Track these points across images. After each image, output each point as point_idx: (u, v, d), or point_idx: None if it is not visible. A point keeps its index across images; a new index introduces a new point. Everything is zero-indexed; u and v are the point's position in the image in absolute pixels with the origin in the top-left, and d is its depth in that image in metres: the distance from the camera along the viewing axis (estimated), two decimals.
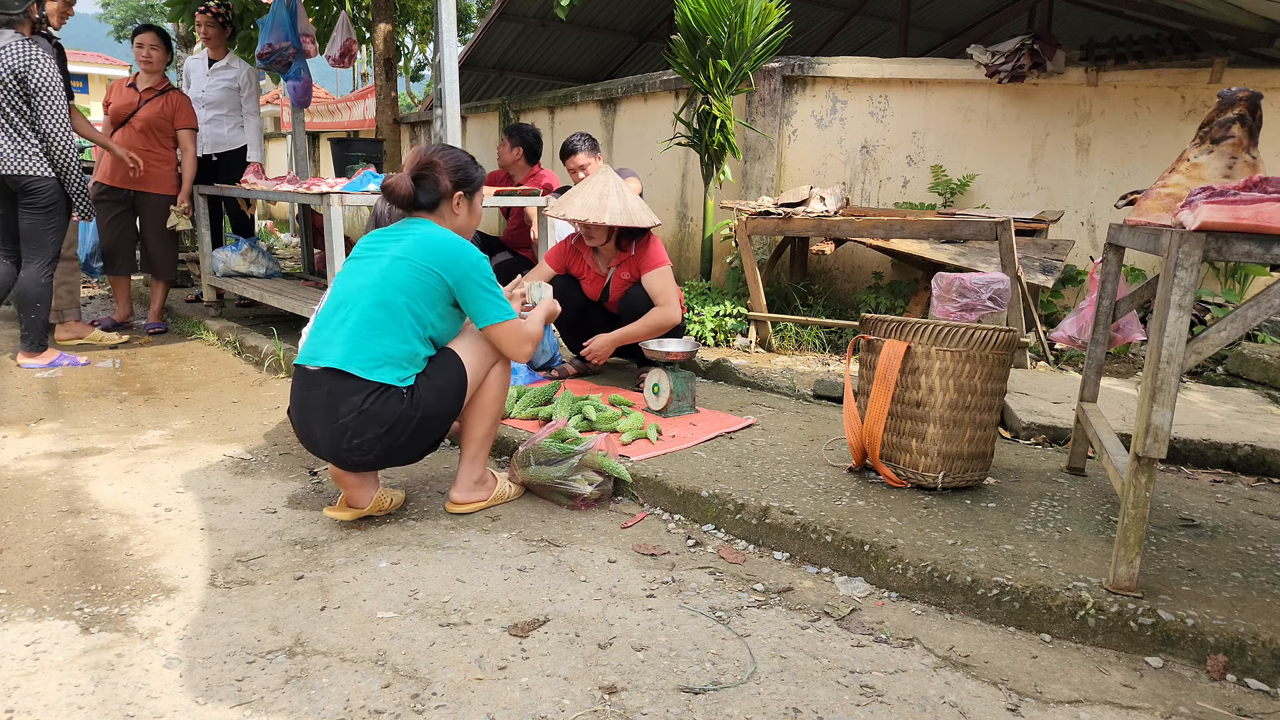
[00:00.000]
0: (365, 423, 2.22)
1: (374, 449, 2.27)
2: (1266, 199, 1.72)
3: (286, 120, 14.57)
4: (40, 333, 4.32)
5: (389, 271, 2.32)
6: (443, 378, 2.34)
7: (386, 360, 2.26)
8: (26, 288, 4.23)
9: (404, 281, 2.31)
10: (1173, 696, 1.70)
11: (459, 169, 2.49)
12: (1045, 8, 8.20)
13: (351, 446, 2.25)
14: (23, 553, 2.25)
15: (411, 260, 2.33)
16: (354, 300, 2.32)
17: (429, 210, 2.48)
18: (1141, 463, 1.85)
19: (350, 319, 2.30)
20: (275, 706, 1.60)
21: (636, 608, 2.01)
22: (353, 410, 2.21)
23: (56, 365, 4.36)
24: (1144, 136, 5.29)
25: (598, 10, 9.91)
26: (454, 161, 2.49)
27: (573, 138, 4.88)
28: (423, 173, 2.44)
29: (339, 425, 2.22)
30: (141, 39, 5.16)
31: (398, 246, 2.36)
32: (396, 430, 2.26)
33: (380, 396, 2.23)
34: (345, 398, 2.22)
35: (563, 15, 6.33)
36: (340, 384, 2.23)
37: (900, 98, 5.61)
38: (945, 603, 2.03)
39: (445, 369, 2.36)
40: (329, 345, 2.29)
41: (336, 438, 2.24)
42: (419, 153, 2.48)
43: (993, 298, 3.20)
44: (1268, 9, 4.78)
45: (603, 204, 3.45)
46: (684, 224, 6.39)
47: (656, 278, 3.53)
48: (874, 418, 2.52)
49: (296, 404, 2.34)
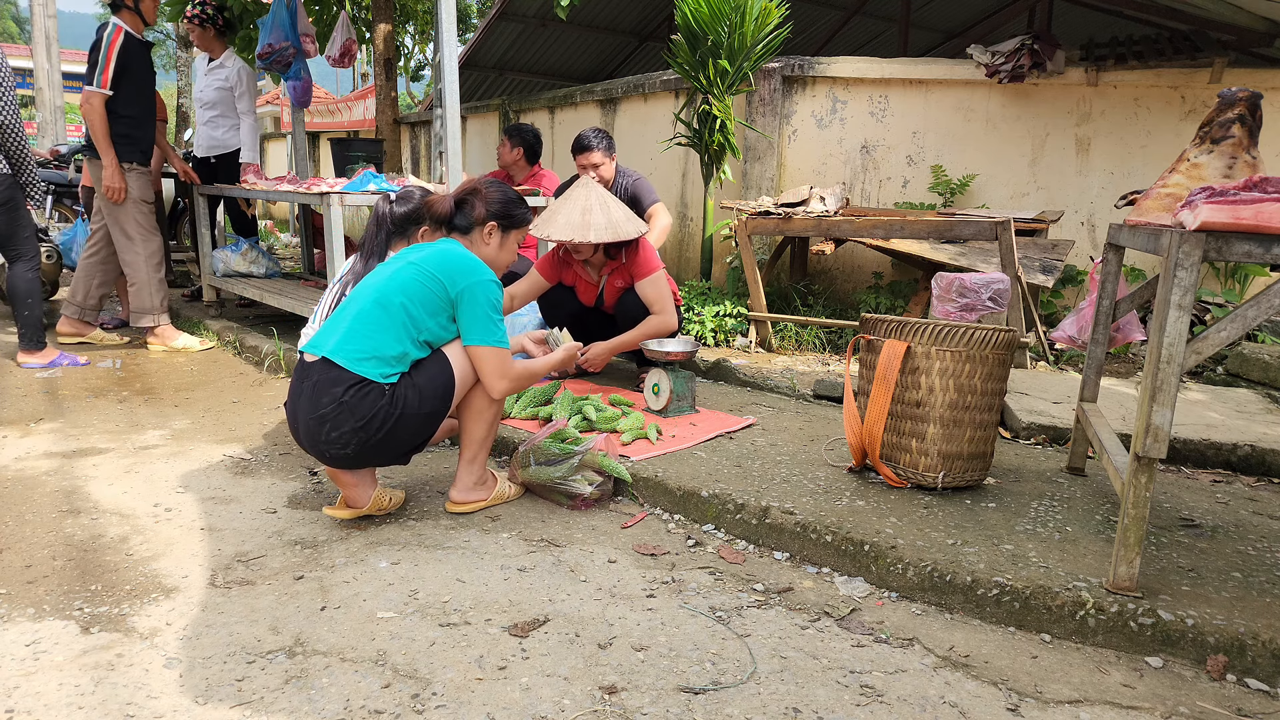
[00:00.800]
0: (343, 415, 2.23)
1: (350, 442, 2.27)
2: (1266, 199, 1.72)
3: (286, 120, 14.58)
4: (36, 329, 4.30)
5: (398, 274, 2.36)
6: (426, 378, 2.34)
7: (373, 356, 2.27)
8: (15, 285, 4.22)
9: (407, 284, 2.34)
10: (1173, 696, 1.70)
11: (501, 202, 2.56)
12: (1045, 8, 8.20)
13: (330, 439, 2.26)
14: (23, 553, 2.25)
15: (421, 266, 2.37)
16: (359, 296, 2.38)
17: (462, 233, 2.55)
18: (1141, 463, 1.85)
19: (351, 313, 2.34)
20: (275, 706, 1.60)
21: (636, 608, 2.01)
22: (333, 401, 2.23)
23: (56, 365, 4.35)
24: (1144, 136, 5.29)
25: (598, 10, 9.91)
26: (499, 195, 2.57)
27: (586, 132, 4.49)
28: (466, 197, 2.53)
29: (319, 415, 2.25)
30: None
31: (417, 255, 2.41)
32: (373, 426, 2.26)
33: (359, 390, 2.24)
34: (327, 388, 2.25)
35: (563, 15, 6.33)
36: (325, 374, 2.26)
37: (900, 98, 5.61)
38: (945, 603, 2.03)
39: (431, 370, 2.36)
40: (328, 336, 2.33)
41: (315, 428, 2.26)
42: (471, 180, 2.59)
43: (993, 298, 3.20)
44: (1268, 9, 4.78)
45: (586, 220, 3.37)
46: (684, 224, 6.39)
47: (650, 285, 3.50)
48: (874, 418, 2.52)
49: (291, 391, 2.38)
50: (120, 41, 4.41)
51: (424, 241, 2.63)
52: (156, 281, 4.77)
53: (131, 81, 4.52)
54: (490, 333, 2.40)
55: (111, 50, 4.39)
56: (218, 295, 5.65)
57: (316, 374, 2.27)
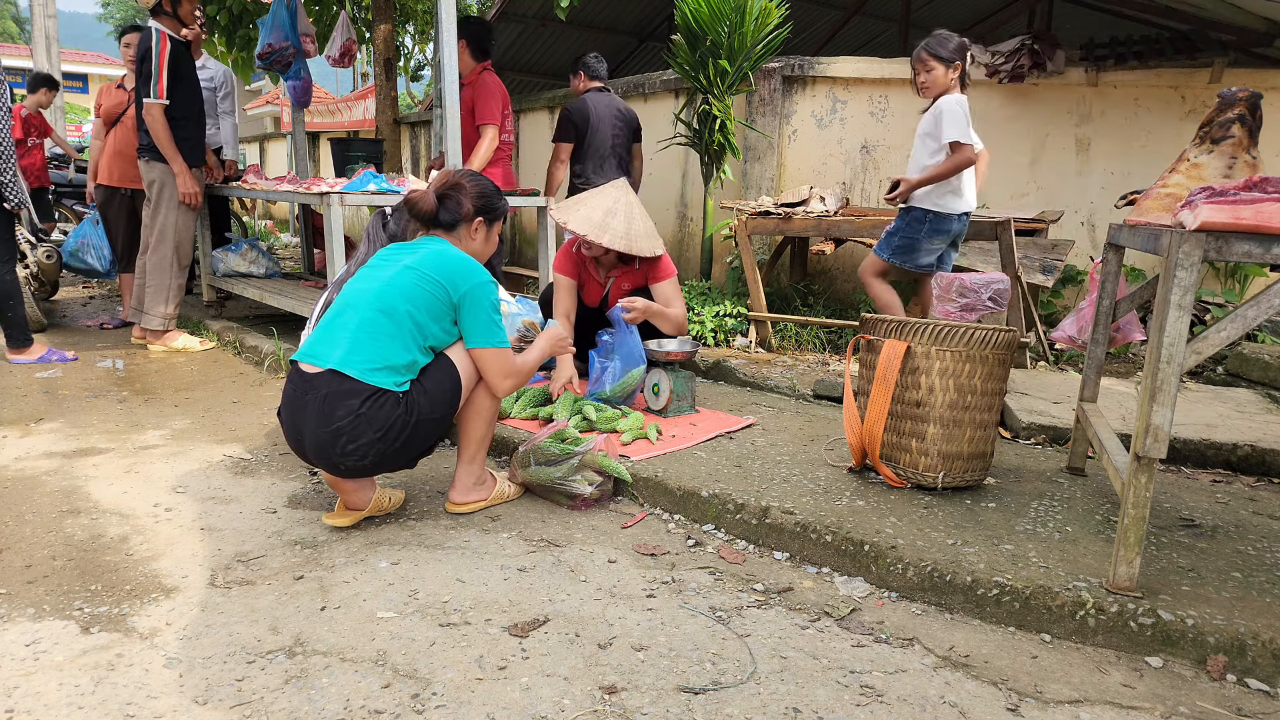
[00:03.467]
0: (361, 427, 2.21)
1: (368, 453, 2.25)
2: (1266, 199, 1.72)
3: (286, 120, 14.56)
4: (21, 327, 4.37)
5: (396, 279, 2.33)
6: (434, 382, 2.34)
7: (385, 365, 2.25)
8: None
9: (409, 290, 2.32)
10: (1173, 696, 1.70)
11: (483, 196, 2.54)
12: (1045, 8, 8.20)
13: (346, 451, 2.23)
14: (23, 553, 2.25)
15: (420, 270, 2.34)
16: (358, 304, 2.33)
17: (447, 230, 2.52)
18: (1141, 463, 1.85)
19: (352, 322, 2.30)
20: (275, 706, 1.60)
21: (636, 608, 2.01)
22: (349, 414, 2.20)
23: (47, 360, 4.41)
24: (1144, 136, 5.29)
25: (598, 10, 9.92)
26: (480, 188, 2.53)
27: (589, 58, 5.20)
28: (448, 193, 2.48)
29: (334, 429, 2.21)
30: (129, 39, 5.17)
31: (411, 258, 2.39)
32: (391, 435, 2.26)
33: (376, 400, 2.23)
34: (342, 401, 2.21)
35: (563, 15, 6.33)
36: (337, 387, 2.22)
37: (900, 98, 5.60)
38: (945, 603, 2.03)
39: (437, 375, 2.36)
40: (330, 346, 2.29)
41: (329, 442, 2.22)
42: (448, 173, 2.52)
43: (993, 298, 3.20)
44: (1268, 9, 4.78)
45: (606, 222, 3.36)
46: (684, 224, 6.38)
47: (670, 285, 3.52)
48: (874, 418, 2.52)
49: (289, 403, 2.32)
50: (169, 49, 4.47)
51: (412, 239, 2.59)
52: (175, 287, 4.80)
53: (182, 85, 4.59)
54: (494, 334, 2.41)
55: (163, 59, 4.44)
56: (218, 295, 5.65)
57: (325, 386, 2.23)
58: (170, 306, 4.78)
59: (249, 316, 5.60)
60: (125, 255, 5.31)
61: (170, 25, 4.56)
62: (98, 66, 27.90)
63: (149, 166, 4.71)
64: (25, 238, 5.53)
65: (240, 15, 7.36)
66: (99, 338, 5.20)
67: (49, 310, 5.92)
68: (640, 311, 3.33)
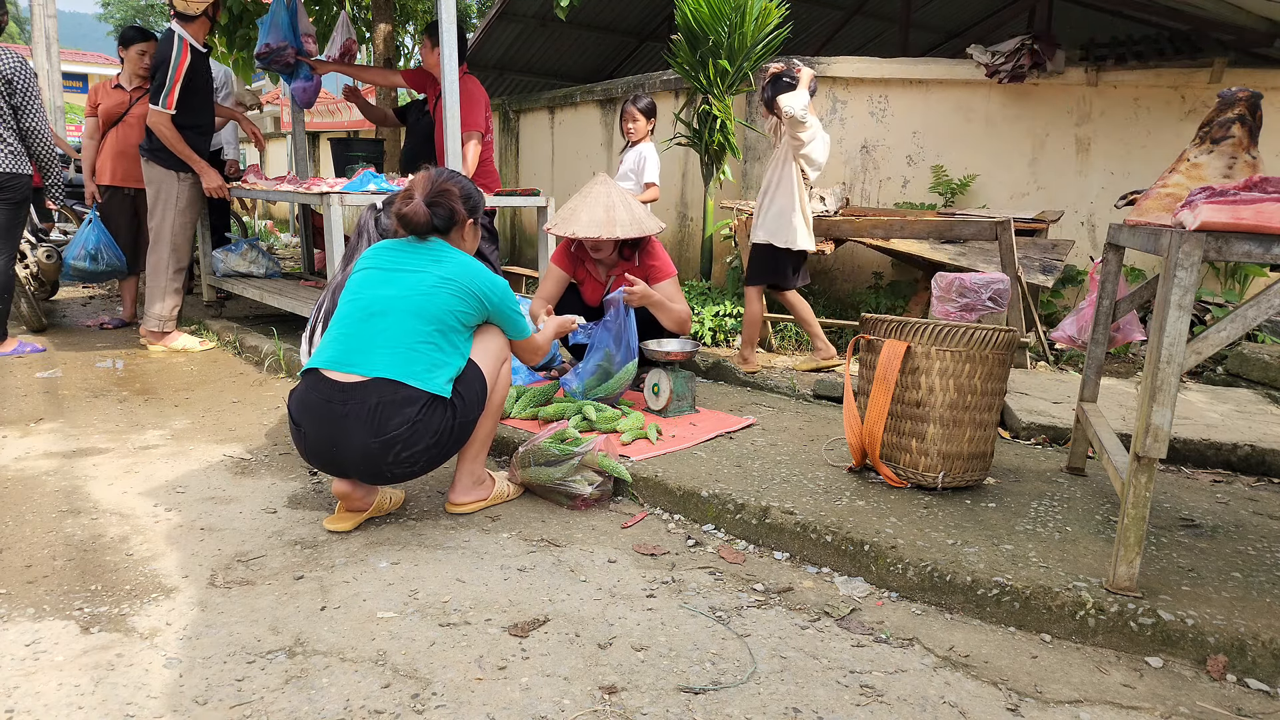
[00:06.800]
0: (417, 434, 2.24)
1: (420, 460, 2.30)
2: (1266, 199, 1.72)
3: (286, 120, 14.55)
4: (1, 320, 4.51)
5: (436, 292, 2.35)
6: (465, 385, 2.38)
7: (437, 371, 2.30)
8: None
9: (449, 302, 2.36)
10: (1173, 696, 1.70)
11: (469, 196, 2.56)
12: (1045, 8, 8.19)
13: (399, 459, 2.25)
14: (23, 553, 2.25)
15: (459, 283, 2.38)
16: (394, 310, 2.33)
17: (443, 234, 2.52)
18: (1141, 463, 1.85)
19: (394, 330, 2.30)
20: (275, 707, 1.60)
21: (636, 608, 2.01)
22: (406, 422, 2.22)
23: (20, 352, 4.53)
24: (1144, 136, 5.29)
25: (598, 10, 9.91)
26: (464, 189, 2.55)
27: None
28: (437, 199, 2.47)
29: (387, 439, 2.21)
30: (144, 48, 5.14)
31: (439, 268, 2.39)
32: (443, 439, 2.31)
33: (430, 407, 2.26)
34: (399, 409, 2.22)
35: (562, 15, 6.33)
36: (392, 395, 2.22)
37: (900, 98, 5.61)
38: (945, 603, 2.03)
39: (468, 377, 2.40)
40: (367, 354, 2.28)
41: (379, 453, 2.22)
42: (428, 179, 2.51)
43: (993, 298, 3.20)
44: (1268, 9, 4.78)
45: (611, 217, 3.37)
46: (684, 224, 6.38)
47: (670, 284, 3.52)
48: (874, 418, 2.52)
49: (314, 414, 2.27)
50: (187, 61, 4.48)
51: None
52: (174, 289, 4.82)
53: (193, 95, 4.60)
54: (525, 327, 2.58)
55: (180, 71, 4.46)
56: (218, 295, 5.65)
57: (376, 395, 2.22)
58: (167, 307, 4.80)
59: (249, 316, 5.60)
60: (136, 256, 5.31)
61: (196, 33, 4.56)
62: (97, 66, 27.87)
63: (149, 167, 4.75)
64: (25, 238, 5.52)
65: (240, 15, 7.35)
66: (99, 338, 5.20)
67: (49, 310, 5.92)
68: (640, 295, 3.33)
